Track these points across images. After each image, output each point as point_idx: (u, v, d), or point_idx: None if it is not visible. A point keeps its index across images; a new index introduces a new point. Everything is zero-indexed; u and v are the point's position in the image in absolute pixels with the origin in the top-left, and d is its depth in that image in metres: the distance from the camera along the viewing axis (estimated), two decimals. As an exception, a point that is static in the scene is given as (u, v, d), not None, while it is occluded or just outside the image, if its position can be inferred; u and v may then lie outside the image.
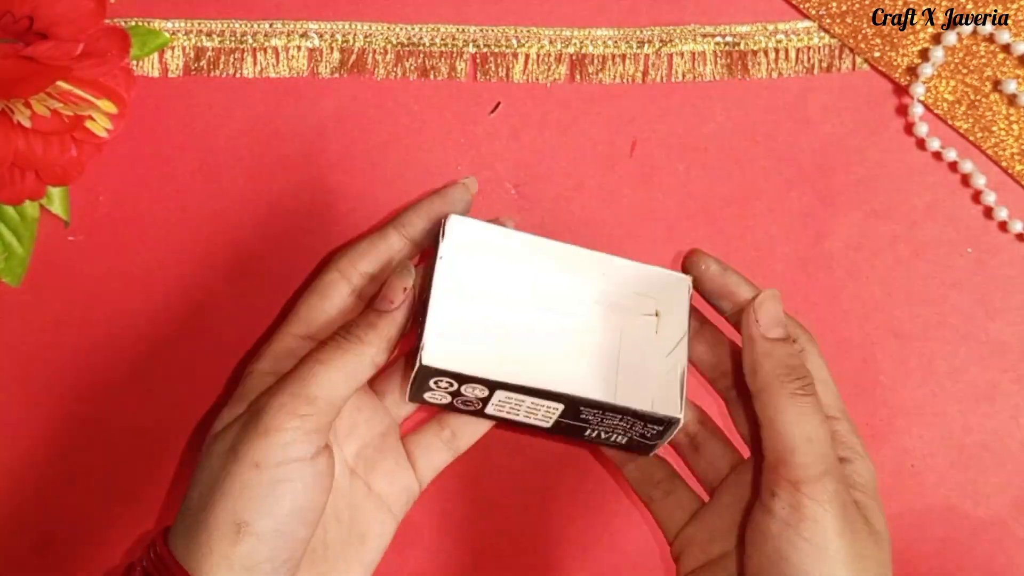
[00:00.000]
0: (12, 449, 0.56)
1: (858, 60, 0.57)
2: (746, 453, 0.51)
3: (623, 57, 0.57)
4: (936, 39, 0.57)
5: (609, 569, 0.58)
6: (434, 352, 0.47)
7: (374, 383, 0.53)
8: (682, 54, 0.57)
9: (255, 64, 0.56)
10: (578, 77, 0.57)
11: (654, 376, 0.51)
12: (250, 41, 0.56)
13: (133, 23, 0.55)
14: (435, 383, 0.48)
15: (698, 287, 0.50)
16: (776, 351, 0.46)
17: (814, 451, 0.44)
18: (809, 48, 0.57)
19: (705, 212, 0.57)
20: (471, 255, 0.51)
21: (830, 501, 0.43)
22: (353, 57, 0.56)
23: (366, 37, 0.56)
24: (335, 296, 0.50)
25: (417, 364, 0.47)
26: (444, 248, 0.49)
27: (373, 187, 0.56)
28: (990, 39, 0.57)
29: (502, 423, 0.51)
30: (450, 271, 0.49)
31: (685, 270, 0.50)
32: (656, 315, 0.52)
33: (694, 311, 0.51)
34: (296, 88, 0.56)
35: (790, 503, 0.44)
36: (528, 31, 0.56)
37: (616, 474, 0.57)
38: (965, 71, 0.57)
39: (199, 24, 0.56)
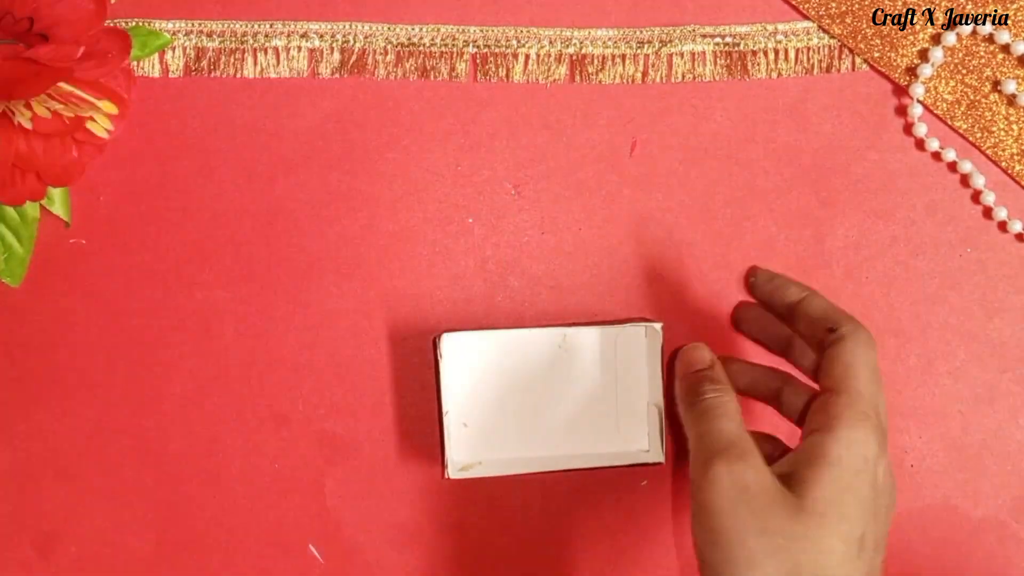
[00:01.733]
0: (12, 449, 0.56)
1: (858, 60, 0.57)
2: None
3: (623, 57, 0.57)
4: (936, 39, 0.57)
5: (611, 568, 0.58)
6: (457, 464, 0.55)
7: None
8: (682, 54, 0.57)
9: (255, 64, 0.56)
10: (578, 77, 0.57)
11: (644, 424, 0.56)
12: (250, 42, 0.56)
13: (133, 24, 0.55)
14: None
15: (754, 296, 0.56)
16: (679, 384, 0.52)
17: (693, 440, 0.49)
18: (809, 48, 0.57)
19: (705, 212, 0.57)
20: (469, 363, 0.56)
21: (716, 479, 0.45)
22: (353, 57, 0.56)
23: (366, 37, 0.56)
24: None
25: (446, 475, 0.54)
26: (444, 366, 0.54)
27: (373, 187, 0.56)
28: (990, 39, 0.57)
29: None
30: (455, 384, 0.55)
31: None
32: (638, 364, 0.57)
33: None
34: (296, 88, 0.56)
35: (695, 479, 0.47)
36: (528, 31, 0.56)
37: (621, 473, 0.57)
38: (964, 71, 0.57)
39: (199, 25, 0.56)
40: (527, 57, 0.56)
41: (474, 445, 0.56)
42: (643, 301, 0.57)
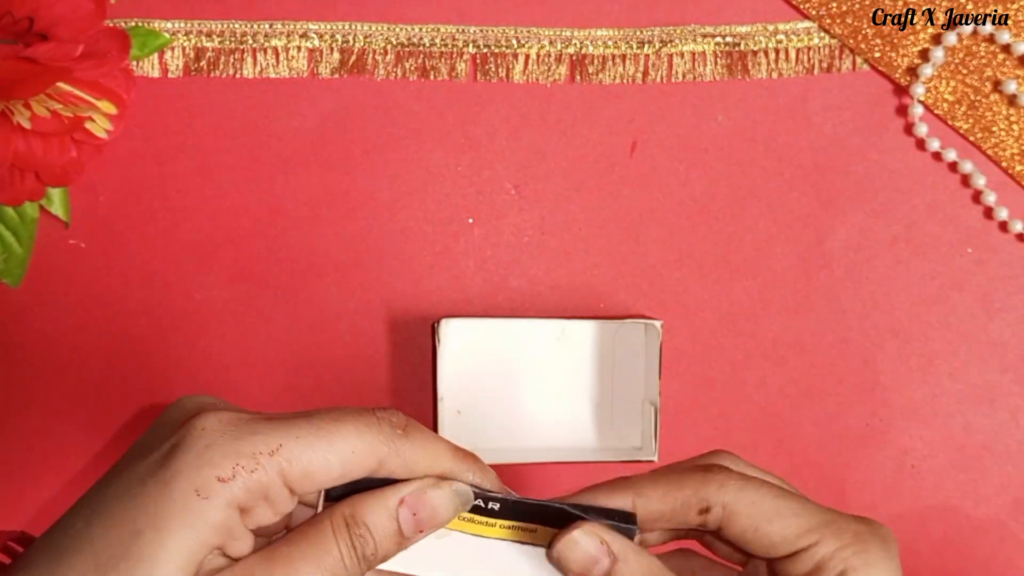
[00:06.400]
0: (12, 449, 0.56)
1: (858, 60, 0.57)
2: None
3: (623, 57, 0.57)
4: (936, 39, 0.57)
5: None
6: None
7: None
8: (682, 54, 0.57)
9: (255, 64, 0.56)
10: (578, 77, 0.57)
11: (639, 421, 0.56)
12: (250, 42, 0.56)
13: (133, 24, 0.55)
14: None
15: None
16: None
17: None
18: (809, 48, 0.57)
19: (705, 212, 0.57)
20: (466, 350, 0.56)
21: None
22: (353, 57, 0.56)
23: (366, 37, 0.56)
24: None
25: None
26: (441, 351, 0.53)
27: (373, 187, 0.56)
28: (990, 39, 0.56)
29: None
30: (451, 370, 0.55)
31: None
32: (636, 362, 0.57)
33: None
34: (296, 88, 0.56)
35: None
36: (528, 31, 0.56)
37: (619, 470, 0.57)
38: (965, 71, 0.57)
39: (199, 25, 0.56)
40: (527, 57, 0.56)
41: (466, 433, 0.56)
42: (643, 301, 0.57)
